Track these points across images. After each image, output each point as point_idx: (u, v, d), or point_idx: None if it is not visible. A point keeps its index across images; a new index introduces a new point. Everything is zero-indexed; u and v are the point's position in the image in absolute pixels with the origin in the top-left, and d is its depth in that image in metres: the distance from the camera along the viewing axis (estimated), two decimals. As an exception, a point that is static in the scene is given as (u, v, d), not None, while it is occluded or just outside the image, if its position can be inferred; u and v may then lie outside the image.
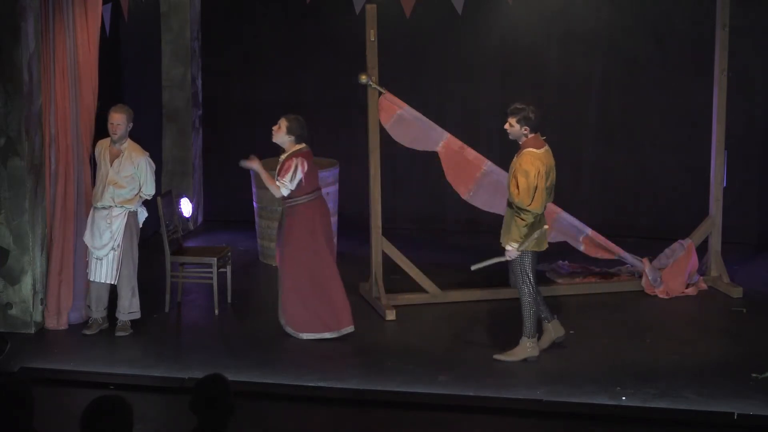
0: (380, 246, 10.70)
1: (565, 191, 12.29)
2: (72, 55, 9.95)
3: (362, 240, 11.38)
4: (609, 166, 13.03)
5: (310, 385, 8.88)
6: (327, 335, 9.81)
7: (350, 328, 9.88)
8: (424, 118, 10.68)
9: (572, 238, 11.08)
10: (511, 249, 9.06)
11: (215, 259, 10.53)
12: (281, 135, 9.72)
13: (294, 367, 9.23)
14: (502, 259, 9.23)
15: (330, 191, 11.86)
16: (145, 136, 12.41)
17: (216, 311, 10.52)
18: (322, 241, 9.80)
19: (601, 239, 11.08)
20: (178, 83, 13.18)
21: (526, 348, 9.32)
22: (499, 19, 12.88)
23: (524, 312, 9.27)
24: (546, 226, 9.17)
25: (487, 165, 10.67)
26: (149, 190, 9.90)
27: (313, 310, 9.78)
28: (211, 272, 10.53)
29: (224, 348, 9.74)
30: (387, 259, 10.72)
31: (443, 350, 9.61)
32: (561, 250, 11.41)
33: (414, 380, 8.95)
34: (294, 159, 9.66)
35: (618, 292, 11.13)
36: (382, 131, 10.61)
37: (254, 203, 12.18)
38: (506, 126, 9.21)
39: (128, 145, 9.84)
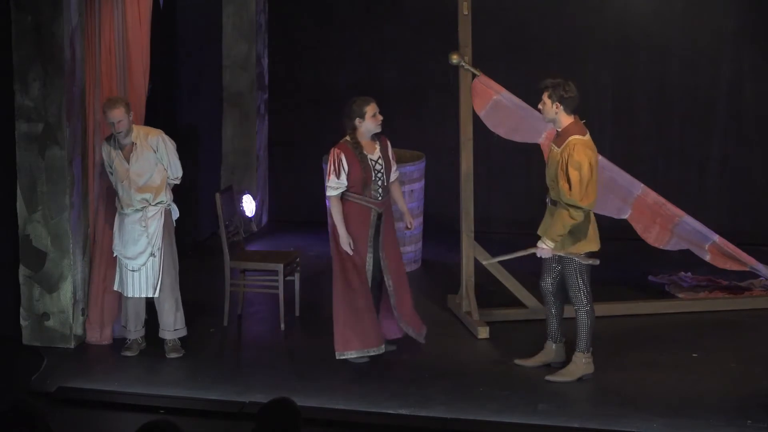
0: (472, 253, 10.66)
1: (688, 191, 12.50)
2: (120, 29, 9.94)
3: (451, 246, 11.42)
4: (741, 163, 12.93)
5: (389, 412, 8.85)
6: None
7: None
8: (526, 105, 10.61)
9: (696, 246, 11.02)
10: (546, 247, 9.12)
11: (282, 265, 10.55)
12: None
13: (371, 392, 9.21)
14: (526, 252, 9.36)
15: (415, 188, 11.96)
16: (203, 124, 12.46)
17: (282, 326, 10.57)
18: None
19: (730, 247, 11.02)
20: (241, 63, 13.21)
21: (582, 364, 9.36)
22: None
23: (580, 323, 9.32)
24: (597, 261, 9.23)
25: (599, 160, 10.31)
26: (175, 172, 9.77)
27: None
28: (276, 280, 10.56)
29: (291, 368, 9.74)
30: (480, 268, 10.63)
31: (544, 373, 9.53)
32: (683, 260, 11.44)
33: (509, 408, 8.91)
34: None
35: (750, 309, 11.03)
36: (476, 120, 10.56)
37: (327, 201, 11.88)
38: (540, 105, 9.20)
39: (135, 132, 9.63)
